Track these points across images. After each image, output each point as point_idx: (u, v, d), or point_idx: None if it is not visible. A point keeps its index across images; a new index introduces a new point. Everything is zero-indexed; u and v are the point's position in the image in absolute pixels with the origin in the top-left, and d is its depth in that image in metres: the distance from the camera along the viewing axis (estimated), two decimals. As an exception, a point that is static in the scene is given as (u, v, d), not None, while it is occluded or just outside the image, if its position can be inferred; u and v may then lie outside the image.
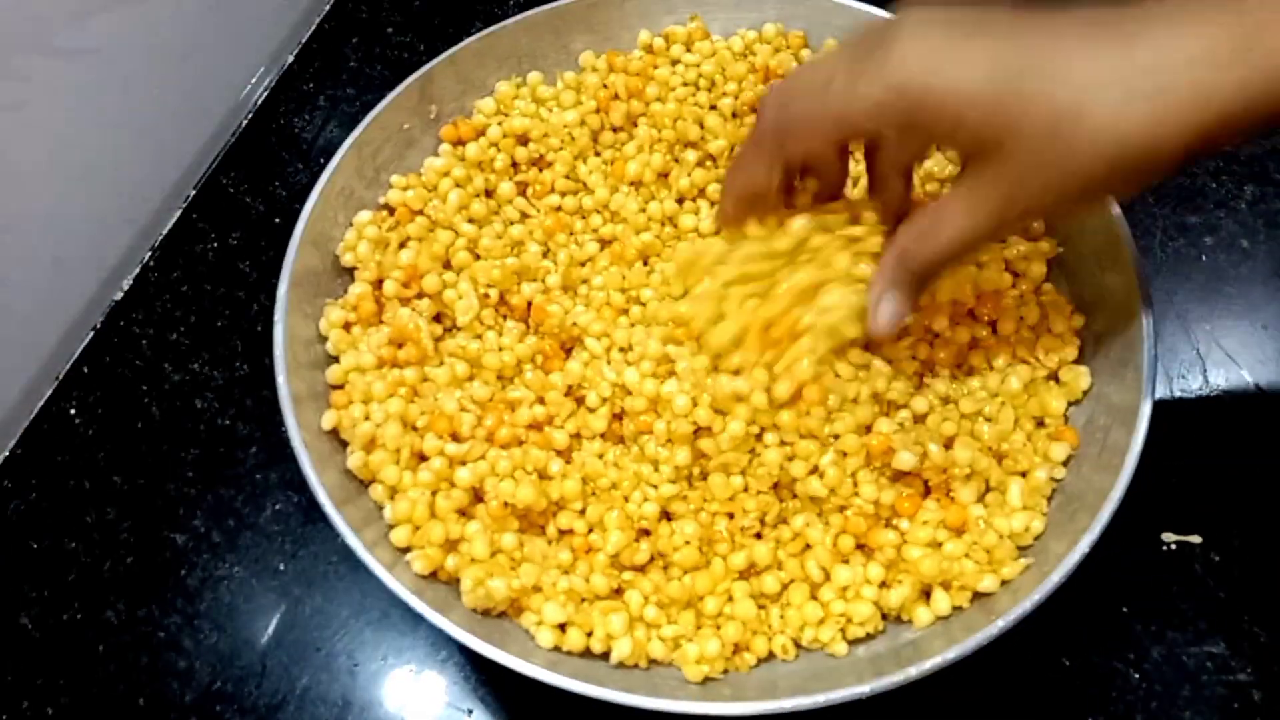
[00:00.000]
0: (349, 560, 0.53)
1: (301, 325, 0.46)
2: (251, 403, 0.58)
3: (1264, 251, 0.60)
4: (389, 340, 0.46)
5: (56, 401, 0.59)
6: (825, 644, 0.43)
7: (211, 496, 0.55)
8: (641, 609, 0.43)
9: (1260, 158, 0.63)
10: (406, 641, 0.51)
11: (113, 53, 0.60)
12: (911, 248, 0.38)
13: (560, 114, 0.52)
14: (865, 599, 0.43)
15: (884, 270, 0.39)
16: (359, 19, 0.73)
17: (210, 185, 0.66)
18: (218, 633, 0.52)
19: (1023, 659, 0.48)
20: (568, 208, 0.51)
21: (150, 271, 0.63)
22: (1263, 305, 0.58)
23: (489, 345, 0.47)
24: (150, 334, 0.61)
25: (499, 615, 0.43)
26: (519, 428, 0.45)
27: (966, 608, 0.42)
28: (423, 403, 0.45)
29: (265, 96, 0.70)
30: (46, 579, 0.53)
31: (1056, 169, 0.33)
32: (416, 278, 0.48)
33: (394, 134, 0.51)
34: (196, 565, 0.54)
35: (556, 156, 0.51)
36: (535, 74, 0.54)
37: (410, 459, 0.44)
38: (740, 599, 0.43)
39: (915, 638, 0.42)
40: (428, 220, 0.50)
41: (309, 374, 0.45)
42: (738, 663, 0.42)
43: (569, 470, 0.44)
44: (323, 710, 0.50)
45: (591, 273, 0.50)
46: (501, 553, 0.43)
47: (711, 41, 0.54)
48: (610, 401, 0.45)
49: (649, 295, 0.48)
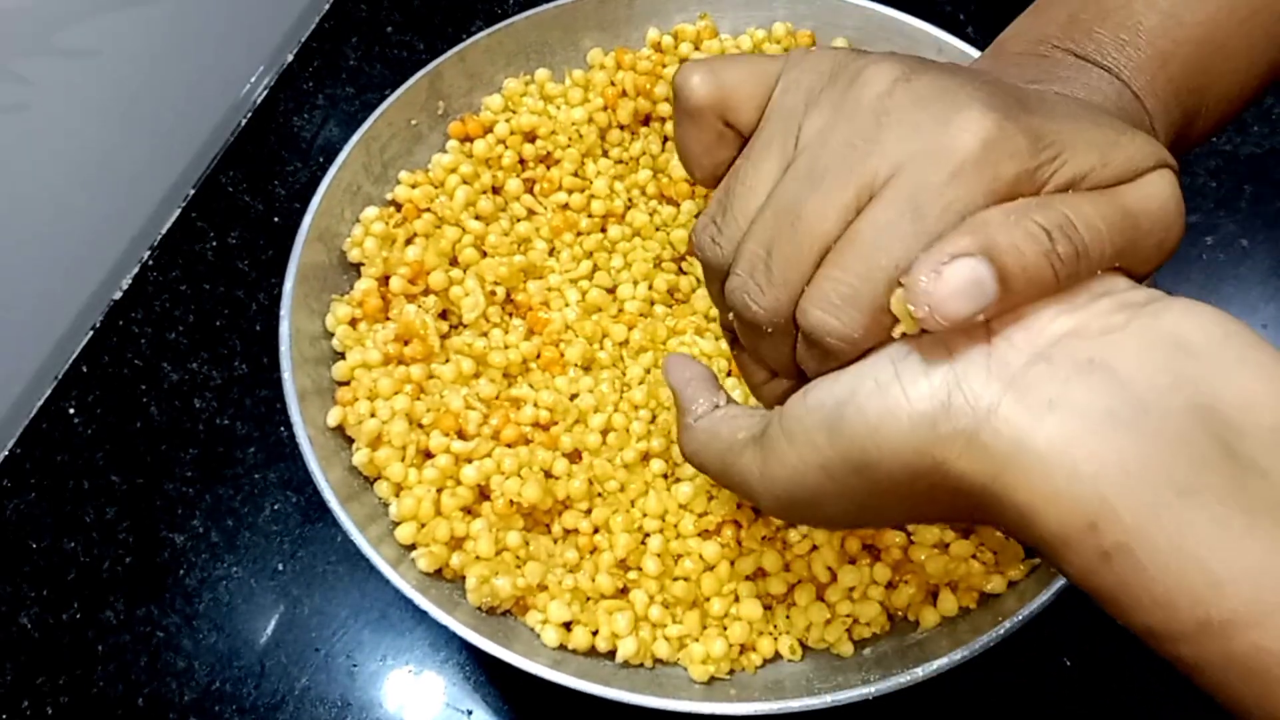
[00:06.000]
0: (348, 560, 0.53)
1: (307, 321, 0.46)
2: (250, 402, 0.58)
3: (1263, 251, 0.60)
4: (395, 337, 0.46)
5: (55, 401, 0.59)
6: (831, 644, 0.42)
7: (210, 496, 0.55)
8: (647, 608, 0.43)
9: (1260, 158, 0.63)
10: (406, 641, 0.51)
11: (113, 53, 0.60)
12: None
13: (568, 111, 0.52)
14: (871, 600, 0.43)
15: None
16: (359, 18, 0.73)
17: (209, 184, 0.66)
18: (217, 633, 0.52)
19: (1027, 659, 0.48)
20: (575, 205, 0.51)
21: (149, 271, 0.63)
22: (1262, 305, 0.58)
23: (495, 343, 0.47)
24: (149, 333, 0.61)
25: (503, 614, 0.43)
26: (525, 426, 0.45)
27: (973, 609, 0.42)
28: (429, 400, 0.45)
29: (265, 96, 0.69)
30: (46, 579, 0.53)
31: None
32: (423, 274, 0.47)
33: (401, 130, 0.51)
34: (195, 565, 0.53)
35: (564, 154, 0.51)
36: (543, 71, 0.54)
37: (416, 456, 0.44)
38: (746, 599, 0.43)
39: (921, 638, 0.42)
40: (434, 217, 0.50)
41: (314, 370, 0.45)
42: (743, 663, 0.42)
43: (575, 470, 0.44)
44: (322, 710, 0.50)
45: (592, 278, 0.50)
46: (507, 551, 0.43)
47: (720, 40, 0.54)
48: (609, 417, 0.45)
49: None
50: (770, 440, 0.29)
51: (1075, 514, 0.23)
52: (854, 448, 0.26)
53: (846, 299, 0.26)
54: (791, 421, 0.28)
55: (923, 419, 0.25)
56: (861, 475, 0.27)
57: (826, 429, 0.27)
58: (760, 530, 0.43)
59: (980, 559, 0.42)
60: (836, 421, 0.26)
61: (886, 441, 0.25)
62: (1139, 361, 0.24)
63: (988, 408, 0.24)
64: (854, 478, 0.27)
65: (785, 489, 0.29)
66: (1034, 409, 0.24)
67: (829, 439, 0.27)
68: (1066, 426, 0.23)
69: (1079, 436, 0.23)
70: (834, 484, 0.27)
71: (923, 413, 0.25)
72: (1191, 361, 0.24)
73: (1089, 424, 0.23)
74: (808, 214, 0.27)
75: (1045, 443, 0.23)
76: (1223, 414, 0.23)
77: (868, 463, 0.26)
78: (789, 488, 0.28)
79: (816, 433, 0.27)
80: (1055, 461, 0.23)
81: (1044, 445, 0.23)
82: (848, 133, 0.27)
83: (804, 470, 0.28)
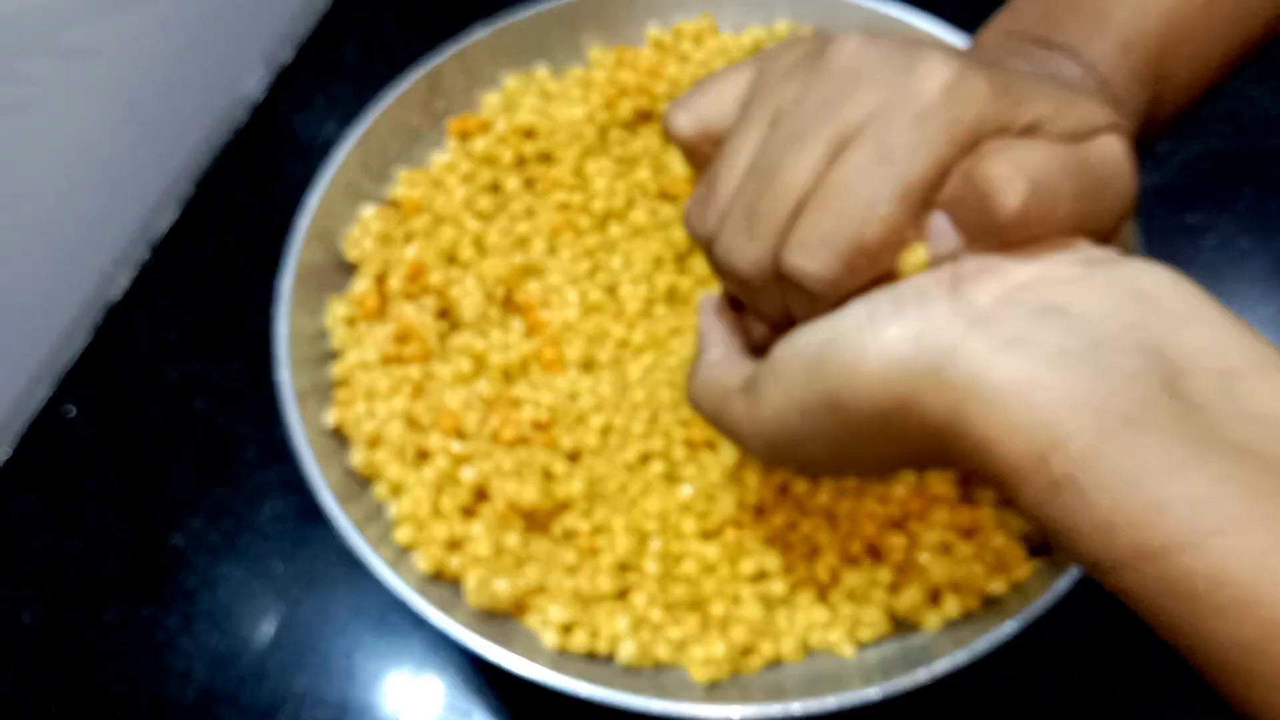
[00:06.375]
0: (348, 561, 0.53)
1: (304, 320, 0.46)
2: (250, 402, 0.58)
3: (1263, 251, 0.60)
4: (394, 336, 0.46)
5: (55, 401, 0.59)
6: (833, 647, 0.42)
7: (210, 497, 0.55)
8: (647, 610, 0.43)
9: (1260, 158, 0.63)
10: (405, 642, 0.51)
11: (113, 53, 0.60)
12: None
13: (568, 109, 0.52)
14: (874, 602, 0.42)
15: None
16: (359, 17, 0.73)
17: (209, 184, 0.66)
18: (216, 633, 0.51)
19: (1030, 662, 0.47)
20: (574, 204, 0.50)
21: (149, 270, 0.63)
22: (1261, 305, 0.58)
23: (494, 343, 0.47)
24: (148, 333, 0.61)
25: (503, 616, 0.43)
26: (524, 426, 0.44)
27: (975, 611, 0.42)
28: (427, 400, 0.45)
29: (265, 95, 0.69)
30: (46, 579, 0.53)
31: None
32: (422, 273, 0.47)
33: (400, 128, 0.51)
34: (195, 565, 0.53)
35: (564, 152, 0.51)
36: (543, 69, 0.53)
37: (414, 457, 0.44)
38: (747, 601, 0.42)
39: (924, 641, 0.42)
40: (433, 216, 0.49)
41: (311, 370, 0.45)
42: (745, 665, 0.42)
43: (575, 471, 0.44)
44: (321, 711, 0.50)
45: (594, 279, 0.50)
46: (506, 552, 0.43)
47: (721, 38, 0.53)
48: (609, 417, 0.45)
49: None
50: (757, 383, 0.31)
51: (1029, 445, 0.25)
52: (830, 388, 0.28)
53: (822, 241, 0.28)
54: (776, 364, 0.30)
55: (893, 358, 0.26)
56: (836, 415, 0.28)
57: (805, 370, 0.28)
58: (762, 531, 0.43)
59: (983, 561, 0.42)
60: (815, 363, 0.28)
61: (860, 380, 0.27)
62: (1095, 305, 0.26)
63: (952, 344, 0.26)
64: (829, 417, 0.28)
65: (769, 430, 0.30)
66: (995, 345, 0.25)
67: (807, 379, 0.28)
68: (1024, 362, 0.25)
69: (1035, 371, 0.25)
70: (811, 424, 0.29)
71: (893, 352, 0.27)
72: (1144, 308, 0.25)
73: (1045, 359, 0.25)
74: (784, 169, 0.29)
75: (1003, 376, 0.25)
76: (1169, 356, 0.24)
77: (841, 402, 0.28)
78: (773, 428, 0.30)
79: (797, 373, 0.29)
80: (1012, 393, 0.25)
81: (1002, 378, 0.25)
82: (821, 93, 0.29)
83: (785, 411, 0.29)
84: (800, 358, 0.29)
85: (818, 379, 0.28)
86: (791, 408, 0.29)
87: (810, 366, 0.28)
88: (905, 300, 0.27)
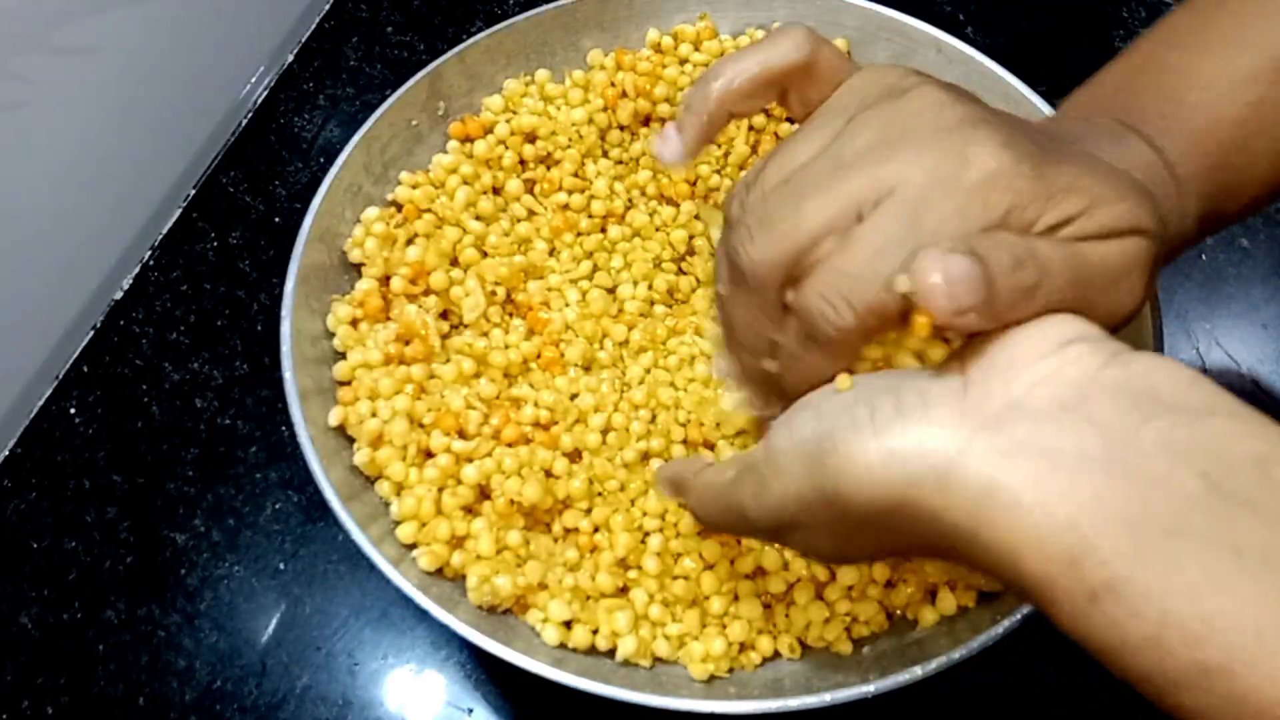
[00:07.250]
0: (349, 559, 0.53)
1: (308, 321, 0.46)
2: (251, 402, 0.58)
3: (1264, 251, 0.60)
4: (396, 337, 0.46)
5: (56, 401, 0.59)
6: (830, 643, 0.42)
7: (211, 496, 0.55)
8: (647, 607, 0.43)
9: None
10: (407, 640, 0.51)
11: (113, 52, 0.60)
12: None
13: (568, 112, 0.52)
14: (870, 598, 0.43)
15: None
16: (359, 18, 0.73)
17: (210, 184, 0.66)
18: (218, 632, 0.52)
19: (1027, 658, 0.48)
20: (575, 206, 0.51)
21: (150, 271, 0.63)
22: (1262, 305, 0.58)
23: (495, 343, 0.47)
24: (150, 333, 0.61)
25: (504, 613, 0.43)
26: (525, 425, 0.45)
27: (971, 608, 0.42)
28: (429, 399, 0.45)
29: (265, 96, 0.70)
30: (46, 579, 0.53)
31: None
32: (424, 274, 0.48)
33: (402, 130, 0.51)
34: (196, 565, 0.53)
35: (564, 155, 0.51)
36: (544, 71, 0.54)
37: (417, 456, 0.44)
38: (746, 598, 0.43)
39: (920, 637, 0.42)
40: (435, 217, 0.50)
41: (315, 370, 0.45)
42: (743, 661, 0.42)
43: (575, 470, 0.44)
44: (323, 709, 0.50)
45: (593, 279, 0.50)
46: (507, 550, 0.43)
47: (720, 40, 0.54)
48: (609, 417, 0.46)
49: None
50: (758, 469, 0.31)
51: (1055, 551, 0.24)
52: (826, 481, 0.28)
53: (844, 294, 0.29)
54: (775, 452, 0.30)
55: (892, 457, 0.26)
56: (833, 508, 0.28)
57: (803, 462, 0.29)
58: None
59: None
60: (813, 455, 0.28)
61: (859, 478, 0.27)
62: (1109, 405, 0.25)
63: (958, 449, 0.25)
64: (826, 510, 0.28)
65: (773, 516, 0.30)
66: (1004, 450, 0.25)
67: (806, 471, 0.28)
68: (1037, 466, 0.24)
69: (1049, 476, 0.24)
70: (809, 515, 0.29)
71: (892, 451, 0.26)
72: (1161, 405, 0.24)
73: (1060, 463, 0.24)
74: (812, 203, 0.29)
75: (1018, 482, 0.24)
76: (1204, 451, 0.23)
77: (839, 496, 0.27)
78: (776, 515, 0.30)
79: (796, 464, 0.29)
80: (1029, 500, 0.24)
81: (1017, 485, 0.24)
82: (878, 135, 0.30)
83: (785, 499, 0.30)
84: (798, 449, 0.29)
85: (815, 473, 0.28)
86: (789, 497, 0.29)
87: (807, 459, 0.28)
88: (909, 405, 0.27)
